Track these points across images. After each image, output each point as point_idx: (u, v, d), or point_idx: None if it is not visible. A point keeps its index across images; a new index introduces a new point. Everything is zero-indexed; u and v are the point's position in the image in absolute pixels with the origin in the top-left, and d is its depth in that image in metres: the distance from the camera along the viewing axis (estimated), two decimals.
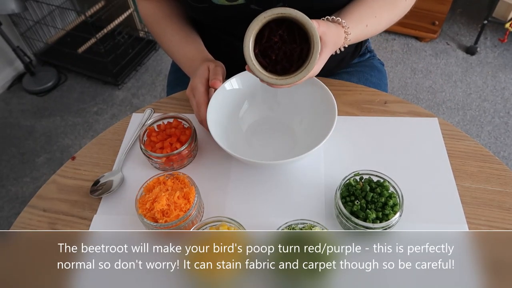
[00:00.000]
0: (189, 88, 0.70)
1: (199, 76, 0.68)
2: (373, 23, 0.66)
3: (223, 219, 0.56)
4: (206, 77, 0.68)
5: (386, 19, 0.69)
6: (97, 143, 0.74)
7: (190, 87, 0.70)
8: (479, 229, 0.58)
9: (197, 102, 0.67)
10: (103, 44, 1.94)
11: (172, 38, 0.77)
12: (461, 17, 2.27)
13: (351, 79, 0.88)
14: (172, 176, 0.62)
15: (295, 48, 0.54)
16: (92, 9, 2.07)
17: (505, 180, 0.63)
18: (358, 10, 0.65)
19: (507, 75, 1.96)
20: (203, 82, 0.68)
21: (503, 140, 1.71)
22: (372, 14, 0.66)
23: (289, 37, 0.54)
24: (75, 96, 2.05)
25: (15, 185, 1.69)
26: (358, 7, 0.65)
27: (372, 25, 0.66)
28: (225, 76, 0.70)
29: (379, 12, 0.67)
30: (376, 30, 0.69)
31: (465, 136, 0.69)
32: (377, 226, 0.54)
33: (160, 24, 0.78)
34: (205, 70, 0.68)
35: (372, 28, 0.67)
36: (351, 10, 0.65)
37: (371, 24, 0.66)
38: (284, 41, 0.54)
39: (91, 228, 0.62)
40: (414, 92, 1.93)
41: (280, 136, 0.73)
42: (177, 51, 0.76)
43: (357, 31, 0.64)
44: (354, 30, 0.62)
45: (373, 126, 0.72)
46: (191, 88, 0.69)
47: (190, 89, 0.69)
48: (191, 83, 0.70)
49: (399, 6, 0.69)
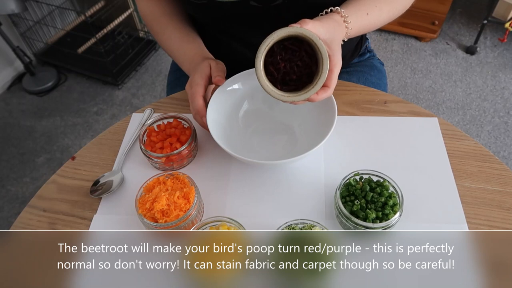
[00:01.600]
0: (189, 84, 0.69)
1: (200, 72, 0.67)
2: (374, 11, 0.66)
3: (223, 219, 0.56)
4: (207, 73, 0.67)
5: (387, 11, 0.68)
6: (97, 143, 0.74)
7: (189, 83, 0.69)
8: (479, 229, 0.58)
9: (193, 92, 0.66)
10: (103, 44, 1.94)
11: (172, 36, 0.76)
12: (461, 17, 2.27)
13: (351, 79, 0.88)
14: (172, 176, 0.62)
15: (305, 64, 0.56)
16: (92, 9, 2.07)
17: (505, 180, 0.63)
18: (358, 0, 0.65)
19: (507, 75, 1.96)
20: (204, 77, 0.67)
21: (503, 140, 1.71)
22: (372, 4, 0.66)
23: (292, 55, 0.55)
24: (75, 96, 2.05)
25: (15, 185, 1.69)
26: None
27: (373, 13, 0.66)
28: (226, 76, 0.70)
29: (378, 2, 0.67)
30: (378, 20, 0.68)
31: (465, 136, 0.69)
32: (377, 226, 0.54)
33: (159, 23, 0.78)
34: (207, 67, 0.68)
35: (374, 17, 0.66)
36: (351, 1, 0.65)
37: (372, 12, 0.65)
38: (291, 60, 0.55)
39: (91, 228, 0.62)
40: (414, 92, 1.93)
41: (280, 136, 0.73)
42: (177, 49, 0.76)
43: (357, 19, 0.63)
44: (353, 17, 0.62)
45: (373, 126, 0.72)
46: (190, 84, 0.68)
47: (189, 84, 0.68)
48: (191, 78, 0.69)
49: None
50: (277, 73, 0.56)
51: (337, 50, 0.58)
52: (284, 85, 0.56)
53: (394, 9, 0.70)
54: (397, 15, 0.71)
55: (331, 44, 0.57)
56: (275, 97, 0.55)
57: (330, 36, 0.57)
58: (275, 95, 0.55)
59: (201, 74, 0.67)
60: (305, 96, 0.54)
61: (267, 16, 0.69)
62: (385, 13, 0.68)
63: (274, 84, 0.56)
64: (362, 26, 0.65)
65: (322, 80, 0.54)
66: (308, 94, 0.54)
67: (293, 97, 0.55)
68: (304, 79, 0.56)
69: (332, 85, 0.57)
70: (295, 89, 0.56)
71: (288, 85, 0.56)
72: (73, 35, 2.14)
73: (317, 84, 0.54)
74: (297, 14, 0.60)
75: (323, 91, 0.56)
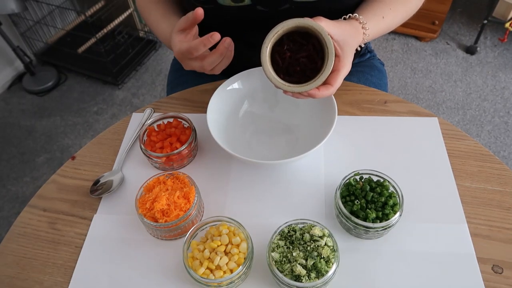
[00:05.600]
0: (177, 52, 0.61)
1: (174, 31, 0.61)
2: (389, 14, 0.66)
3: (223, 219, 0.56)
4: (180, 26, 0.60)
5: (401, 12, 0.69)
6: (97, 142, 0.74)
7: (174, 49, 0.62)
8: (479, 229, 0.58)
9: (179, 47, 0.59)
10: (103, 44, 1.94)
11: (155, 13, 0.73)
12: (461, 16, 2.27)
13: (351, 79, 0.88)
14: (172, 175, 0.62)
15: (312, 58, 0.56)
16: (92, 9, 2.07)
17: (505, 180, 0.63)
18: (371, 5, 0.66)
19: (507, 75, 1.96)
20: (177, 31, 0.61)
21: (503, 139, 1.71)
22: (387, 6, 0.67)
23: (300, 47, 0.55)
24: (75, 96, 2.05)
25: (15, 185, 1.69)
26: (371, 2, 0.67)
27: (388, 16, 0.66)
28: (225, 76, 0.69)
29: (393, 4, 0.67)
30: (393, 22, 0.69)
31: (465, 135, 0.69)
32: (377, 226, 0.54)
33: (149, 8, 0.76)
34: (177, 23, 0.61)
35: (389, 20, 0.67)
36: (365, 6, 0.66)
37: (388, 15, 0.66)
38: (298, 51, 0.55)
39: (91, 228, 0.62)
40: (414, 91, 1.93)
41: (280, 136, 0.73)
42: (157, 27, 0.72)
43: (375, 24, 0.64)
44: (371, 23, 0.63)
45: (373, 126, 0.72)
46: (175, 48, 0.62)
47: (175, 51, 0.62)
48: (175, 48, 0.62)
49: None
50: (282, 62, 0.56)
51: (348, 53, 0.58)
52: (287, 76, 0.56)
53: (407, 10, 0.71)
54: (410, 15, 0.72)
55: (344, 46, 0.57)
56: (276, 84, 0.55)
57: (344, 39, 0.57)
58: (275, 82, 0.55)
59: (176, 30, 0.61)
60: (306, 88, 0.54)
61: (273, 21, 0.69)
62: (400, 14, 0.69)
63: (278, 73, 0.56)
64: (379, 31, 0.66)
65: (325, 75, 0.54)
66: (309, 87, 0.54)
67: (294, 87, 0.54)
68: (308, 74, 0.56)
69: (335, 84, 0.56)
70: (298, 82, 0.56)
71: (291, 76, 0.56)
72: (73, 35, 2.14)
73: (320, 78, 0.54)
74: None
75: (325, 88, 0.56)
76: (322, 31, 0.52)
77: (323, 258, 0.50)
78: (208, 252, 0.53)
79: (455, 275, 0.54)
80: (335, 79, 0.56)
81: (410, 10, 0.71)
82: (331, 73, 0.56)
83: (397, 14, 0.68)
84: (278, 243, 0.52)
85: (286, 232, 0.53)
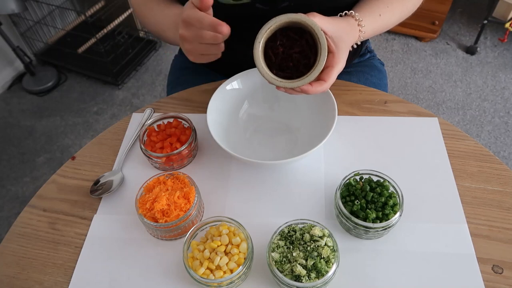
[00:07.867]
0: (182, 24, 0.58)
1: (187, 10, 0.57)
2: (386, 12, 0.66)
3: (223, 219, 0.56)
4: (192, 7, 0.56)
5: (399, 11, 0.69)
6: (97, 143, 0.74)
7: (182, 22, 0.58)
8: (479, 229, 0.58)
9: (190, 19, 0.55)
10: (103, 44, 1.94)
11: (157, 8, 0.70)
12: (461, 17, 2.27)
13: (351, 79, 0.88)
14: (172, 176, 0.62)
15: (305, 54, 0.55)
16: (92, 9, 2.07)
17: (505, 180, 0.63)
18: (369, 2, 0.66)
19: (507, 75, 1.96)
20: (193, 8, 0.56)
21: (503, 140, 1.71)
22: (384, 4, 0.66)
23: (293, 42, 0.55)
24: (75, 96, 2.05)
25: (15, 185, 1.69)
26: (369, 0, 0.66)
27: (385, 15, 0.66)
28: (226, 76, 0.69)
29: (391, 3, 0.67)
30: (390, 20, 0.69)
31: (465, 135, 0.69)
32: (377, 226, 0.54)
33: (146, 5, 0.73)
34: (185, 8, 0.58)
35: (386, 18, 0.67)
36: (362, 4, 0.66)
37: (384, 13, 0.66)
38: (291, 47, 0.55)
39: (91, 228, 0.62)
40: (414, 92, 1.93)
41: (280, 136, 0.73)
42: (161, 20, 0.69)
43: (371, 22, 0.64)
44: (367, 20, 0.63)
45: (373, 126, 0.72)
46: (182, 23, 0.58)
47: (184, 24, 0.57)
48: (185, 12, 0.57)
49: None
50: (274, 58, 0.56)
51: (343, 49, 0.58)
52: (280, 71, 0.56)
53: (405, 9, 0.70)
54: (408, 15, 0.72)
55: (338, 42, 0.57)
56: (268, 80, 0.55)
57: (338, 35, 0.57)
58: (268, 77, 0.54)
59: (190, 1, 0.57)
60: (298, 84, 0.54)
61: None
62: (397, 13, 0.69)
63: (271, 68, 0.55)
64: (375, 29, 0.66)
65: (317, 70, 0.53)
66: (301, 82, 0.54)
67: (286, 83, 0.54)
68: (301, 69, 0.56)
69: (329, 80, 0.56)
70: (291, 77, 0.56)
71: (284, 72, 0.56)
72: (73, 35, 2.14)
73: (312, 73, 0.53)
74: None
75: (318, 84, 0.56)
76: (314, 26, 0.52)
77: (323, 258, 0.50)
78: (208, 252, 0.53)
79: (455, 275, 0.54)
80: (328, 75, 0.56)
81: (408, 9, 0.71)
82: (325, 69, 0.56)
83: (394, 13, 0.68)
84: (278, 243, 0.52)
85: (286, 232, 0.53)
